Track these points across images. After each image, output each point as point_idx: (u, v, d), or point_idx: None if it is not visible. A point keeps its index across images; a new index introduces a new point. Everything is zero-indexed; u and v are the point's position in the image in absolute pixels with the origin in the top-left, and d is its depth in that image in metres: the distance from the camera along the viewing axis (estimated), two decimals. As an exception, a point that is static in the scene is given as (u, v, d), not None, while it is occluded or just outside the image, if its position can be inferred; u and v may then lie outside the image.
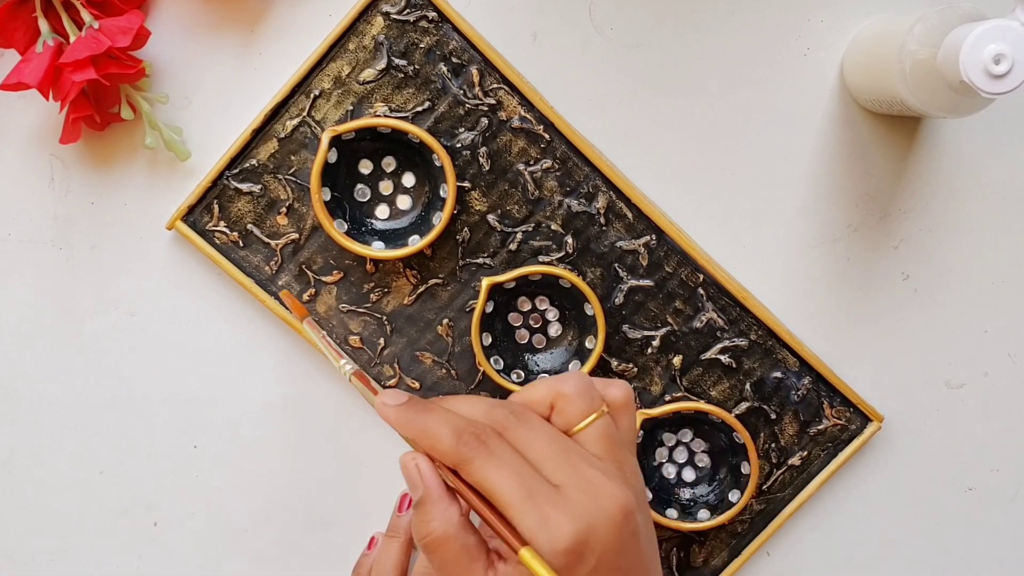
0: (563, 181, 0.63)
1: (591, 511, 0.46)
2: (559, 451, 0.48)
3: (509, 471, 0.47)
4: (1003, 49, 0.50)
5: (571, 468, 0.47)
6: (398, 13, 0.61)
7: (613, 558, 0.47)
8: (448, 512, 0.48)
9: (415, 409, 0.50)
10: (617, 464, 0.49)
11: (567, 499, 0.46)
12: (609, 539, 0.46)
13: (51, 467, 0.65)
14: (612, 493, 0.47)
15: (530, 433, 0.49)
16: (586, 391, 0.50)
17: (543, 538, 0.45)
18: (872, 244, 0.64)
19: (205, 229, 0.62)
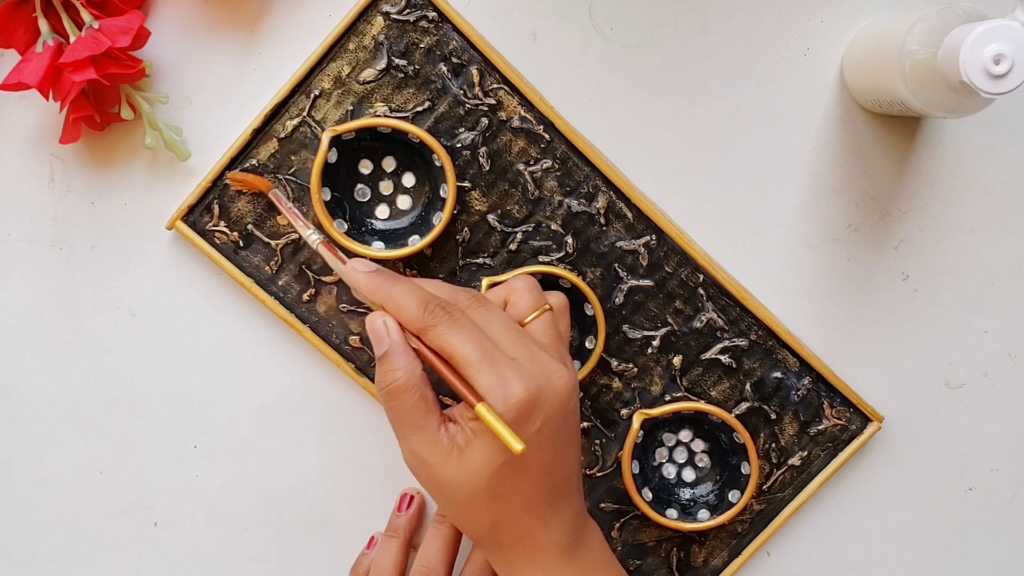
0: (563, 181, 0.63)
1: (541, 380, 0.52)
2: (514, 331, 0.54)
3: (470, 336, 0.52)
4: (1003, 49, 0.50)
5: (524, 346, 0.53)
6: (398, 13, 0.61)
7: (554, 426, 0.52)
8: (411, 363, 0.53)
9: (384, 277, 0.55)
10: (560, 354, 0.55)
11: (521, 367, 0.52)
12: (554, 407, 0.52)
13: (51, 467, 0.65)
14: (559, 371, 0.53)
15: (489, 315, 0.54)
16: (533, 287, 0.57)
17: (498, 394, 0.51)
18: (872, 244, 0.64)
19: (205, 229, 0.62)
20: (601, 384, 0.64)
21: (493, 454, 0.51)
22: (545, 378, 0.52)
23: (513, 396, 0.51)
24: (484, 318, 0.54)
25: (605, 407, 0.64)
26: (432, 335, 0.53)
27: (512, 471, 0.52)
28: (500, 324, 0.54)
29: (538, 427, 0.52)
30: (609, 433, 0.64)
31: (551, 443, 0.53)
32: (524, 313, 0.56)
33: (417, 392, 0.53)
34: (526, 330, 0.55)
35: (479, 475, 0.52)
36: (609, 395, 0.64)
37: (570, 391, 0.53)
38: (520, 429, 0.51)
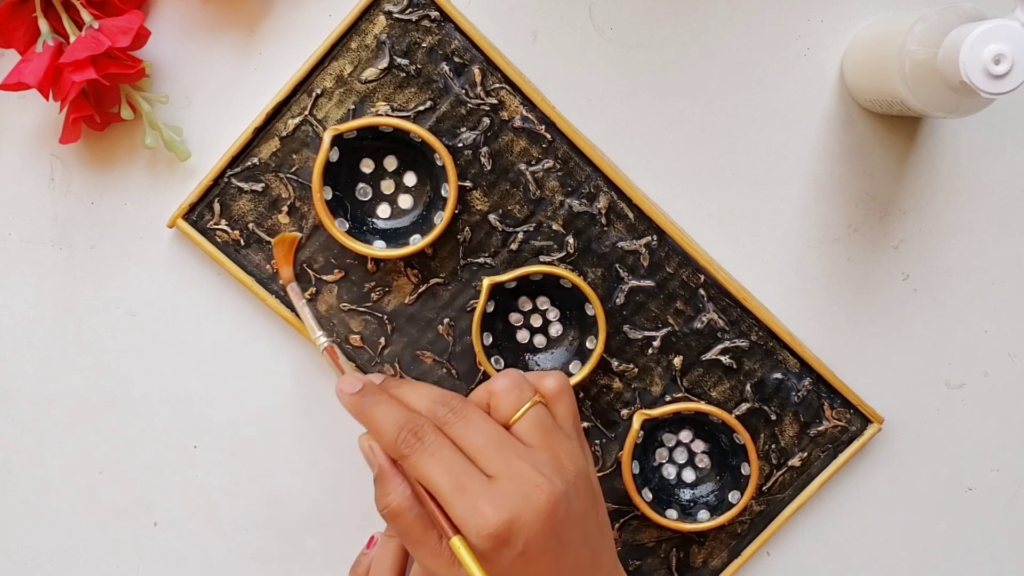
0: (564, 181, 0.63)
1: (518, 501, 0.51)
2: (493, 444, 0.53)
3: (442, 466, 0.52)
4: (1003, 49, 0.50)
5: (503, 460, 0.52)
6: (400, 12, 0.61)
7: (541, 543, 0.51)
8: (400, 487, 0.54)
9: (366, 400, 0.55)
10: (551, 452, 0.53)
11: (497, 490, 0.51)
12: (535, 527, 0.51)
13: (51, 467, 0.65)
14: (539, 484, 0.51)
15: (467, 428, 0.53)
16: (514, 386, 0.55)
17: (471, 525, 0.50)
18: (872, 244, 0.64)
19: (206, 228, 0.62)
20: (601, 384, 0.64)
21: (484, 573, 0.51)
22: (523, 498, 0.51)
23: (485, 527, 0.50)
24: (462, 432, 0.53)
25: (605, 407, 0.64)
26: (407, 465, 0.53)
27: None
28: (479, 436, 0.53)
29: (520, 550, 0.51)
30: (609, 433, 0.64)
31: (540, 559, 0.51)
32: (507, 415, 0.54)
33: (411, 512, 0.53)
34: (511, 435, 0.54)
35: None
36: (609, 395, 0.64)
37: (553, 504, 0.51)
38: (498, 556, 0.51)
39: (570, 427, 0.56)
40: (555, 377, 0.56)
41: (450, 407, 0.54)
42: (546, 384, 0.56)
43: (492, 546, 0.51)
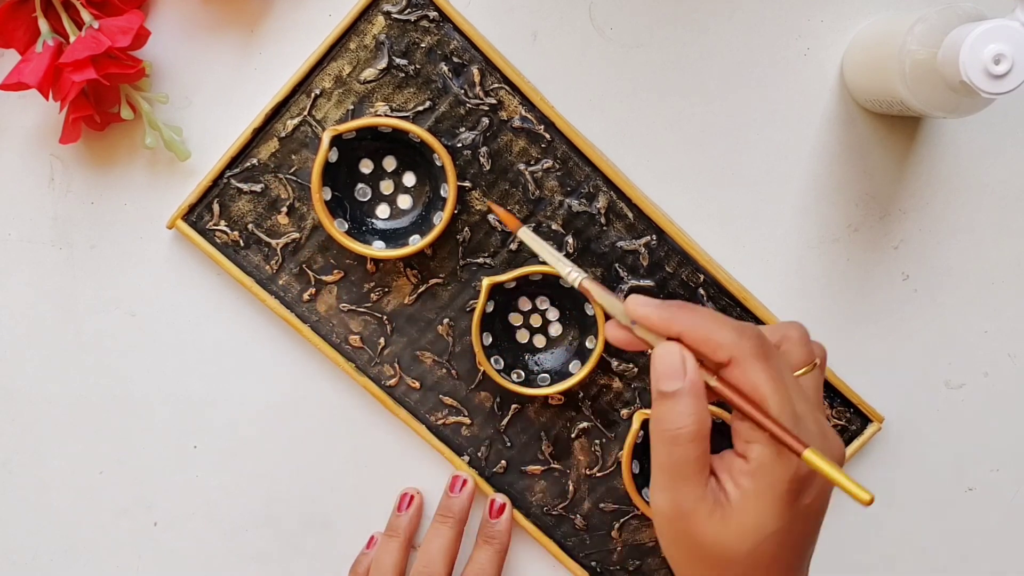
0: (564, 181, 0.63)
1: (821, 446, 0.47)
2: (798, 385, 0.48)
3: (780, 382, 0.47)
4: (1003, 49, 0.50)
5: (807, 405, 0.48)
6: (399, 12, 0.61)
7: (823, 500, 0.48)
8: (704, 412, 0.47)
9: (679, 306, 0.49)
10: (824, 415, 0.50)
11: (810, 432, 0.47)
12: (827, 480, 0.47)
13: (51, 467, 0.65)
14: (837, 442, 0.48)
15: (780, 362, 0.48)
16: (807, 339, 0.51)
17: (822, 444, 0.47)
18: (872, 244, 0.64)
19: (205, 228, 0.62)
20: (601, 384, 0.64)
21: (764, 519, 0.47)
22: (829, 451, 0.47)
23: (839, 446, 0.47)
24: (778, 360, 0.48)
25: (605, 407, 0.64)
26: (746, 366, 0.47)
27: (778, 541, 0.47)
28: (789, 372, 0.48)
29: (810, 500, 0.47)
30: (609, 433, 0.64)
31: (816, 518, 0.49)
32: (796, 366, 0.50)
33: (703, 444, 0.47)
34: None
35: (745, 540, 0.47)
36: (609, 395, 0.64)
37: (842, 464, 0.48)
38: (795, 498, 0.47)
39: None
40: (822, 348, 0.53)
41: (755, 332, 0.48)
42: (819, 350, 0.52)
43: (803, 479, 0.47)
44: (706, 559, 0.48)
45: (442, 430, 0.64)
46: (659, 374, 0.48)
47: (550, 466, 0.65)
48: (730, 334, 0.47)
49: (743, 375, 0.47)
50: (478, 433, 0.64)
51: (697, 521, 0.47)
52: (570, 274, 0.53)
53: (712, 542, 0.47)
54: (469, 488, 0.64)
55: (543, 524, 0.65)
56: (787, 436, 0.46)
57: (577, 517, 0.65)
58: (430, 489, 0.65)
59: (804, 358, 0.50)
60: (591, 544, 0.65)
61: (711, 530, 0.47)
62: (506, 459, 0.65)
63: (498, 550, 0.64)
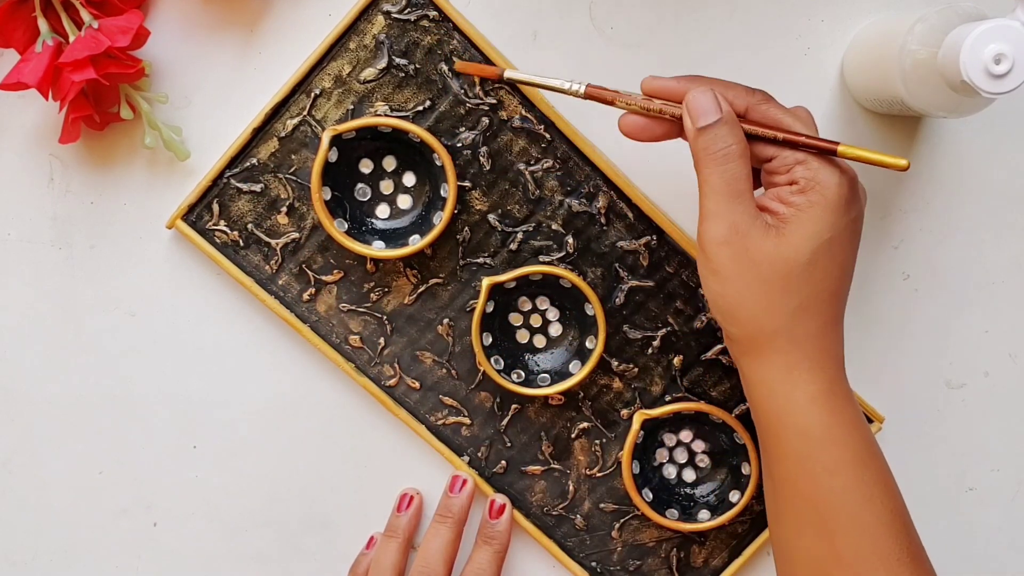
0: (564, 181, 0.63)
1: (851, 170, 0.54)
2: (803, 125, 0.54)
3: (793, 114, 0.54)
4: (1003, 49, 0.50)
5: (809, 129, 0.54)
6: (399, 12, 0.61)
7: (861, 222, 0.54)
8: (742, 136, 0.53)
9: (688, 77, 0.56)
10: None
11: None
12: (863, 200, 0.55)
13: (51, 467, 0.65)
14: (846, 165, 0.54)
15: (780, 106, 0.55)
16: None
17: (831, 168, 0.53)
18: (872, 244, 0.64)
19: (205, 228, 0.62)
20: (602, 384, 0.64)
21: (819, 228, 0.52)
22: (853, 170, 0.53)
23: (849, 171, 0.53)
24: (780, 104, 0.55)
25: (606, 407, 0.64)
26: (764, 108, 0.54)
27: (831, 251, 0.52)
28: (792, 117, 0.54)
29: (853, 216, 0.53)
30: (609, 433, 0.64)
31: (855, 240, 0.54)
32: None
33: (748, 165, 0.53)
34: None
35: (801, 249, 0.52)
36: (609, 395, 0.64)
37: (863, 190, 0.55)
38: (843, 211, 0.52)
39: None
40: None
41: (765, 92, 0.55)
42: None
43: (847, 191, 0.53)
44: (766, 277, 0.52)
45: (442, 430, 0.64)
46: (697, 113, 0.54)
47: (550, 466, 0.65)
48: (741, 90, 0.54)
49: (763, 116, 0.54)
50: (478, 433, 0.64)
51: (754, 238, 0.52)
52: (571, 87, 0.56)
53: (772, 258, 0.52)
54: (469, 488, 0.64)
55: (543, 524, 0.65)
56: (820, 142, 0.52)
57: (577, 517, 0.65)
58: (430, 489, 0.65)
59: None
60: (591, 544, 0.65)
61: (768, 246, 0.52)
62: (506, 459, 0.65)
63: (497, 550, 0.64)
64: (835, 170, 0.53)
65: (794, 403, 0.53)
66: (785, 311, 0.53)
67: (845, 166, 0.53)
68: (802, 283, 0.52)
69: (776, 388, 0.54)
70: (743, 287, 0.53)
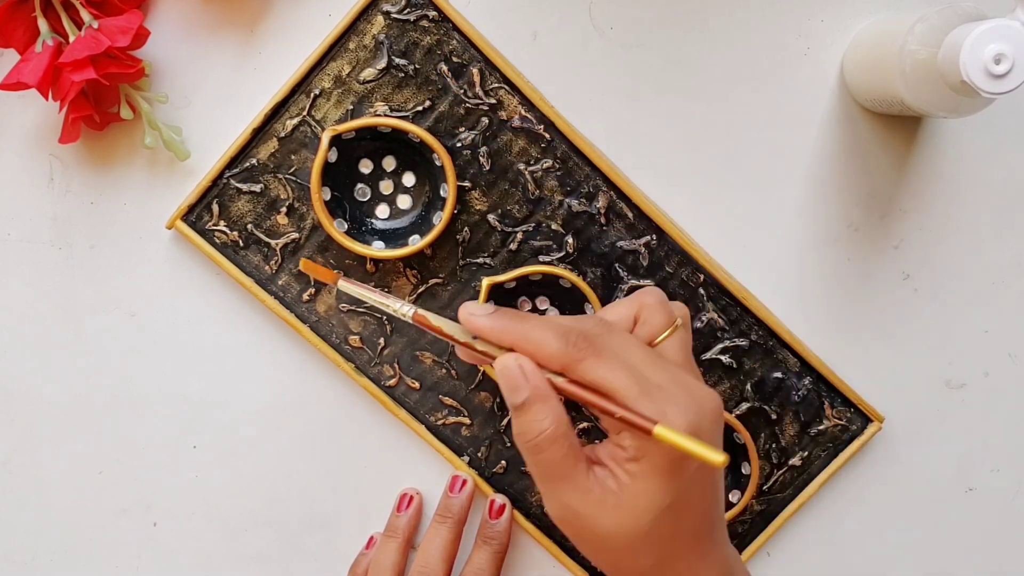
0: (564, 181, 0.63)
1: (694, 408, 0.47)
2: (652, 356, 0.49)
3: (622, 368, 0.47)
4: (1003, 49, 0.50)
5: (667, 371, 0.48)
6: (399, 12, 0.61)
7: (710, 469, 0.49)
8: (558, 409, 0.48)
9: (509, 316, 0.50)
10: (695, 372, 0.51)
11: (674, 396, 0.47)
12: (711, 433, 0.48)
13: (51, 467, 0.65)
14: (707, 393, 0.48)
15: (623, 341, 0.49)
16: (665, 303, 0.51)
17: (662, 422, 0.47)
18: (872, 244, 0.64)
19: (205, 229, 0.62)
20: (601, 384, 0.64)
21: (655, 496, 0.47)
22: (699, 406, 0.48)
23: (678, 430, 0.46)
24: (620, 345, 0.49)
25: (605, 407, 0.64)
26: (581, 369, 0.48)
27: (675, 511, 0.48)
28: (637, 349, 0.49)
29: (697, 465, 0.48)
30: (609, 433, 0.64)
31: (709, 479, 0.49)
32: (656, 332, 0.51)
33: (567, 440, 0.48)
34: (661, 352, 0.50)
35: (641, 520, 0.47)
36: (609, 395, 0.64)
37: (720, 413, 0.49)
38: (679, 469, 0.47)
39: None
40: (682, 307, 0.53)
41: (596, 320, 0.50)
42: (681, 309, 0.52)
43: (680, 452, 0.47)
44: (613, 548, 0.48)
45: (442, 430, 0.64)
46: (505, 388, 0.49)
47: (550, 466, 0.65)
48: (556, 343, 0.48)
49: (587, 372, 0.48)
50: (478, 433, 0.64)
51: (590, 515, 0.48)
52: (400, 308, 0.53)
53: (613, 531, 0.48)
54: (469, 488, 0.64)
55: (543, 524, 0.65)
56: (636, 418, 0.46)
57: (577, 517, 0.65)
58: (430, 490, 0.65)
59: (664, 322, 0.51)
60: (591, 544, 0.65)
61: (606, 519, 0.48)
62: (506, 459, 0.65)
63: (497, 551, 0.64)
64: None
65: None
66: (642, 570, 0.49)
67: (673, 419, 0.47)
68: (651, 547, 0.48)
69: None
70: (597, 556, 0.50)
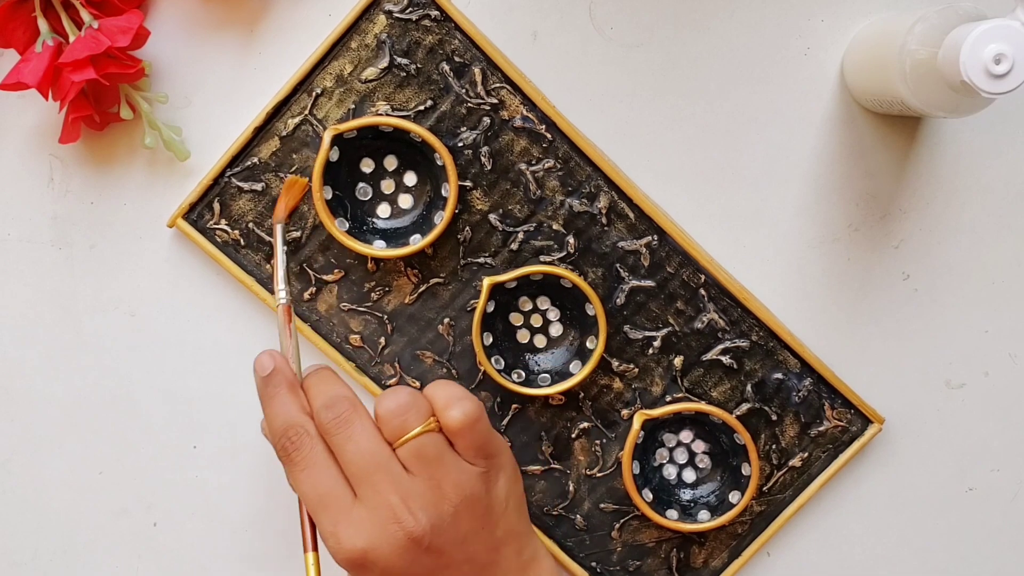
0: (565, 181, 0.63)
1: (376, 531, 0.52)
2: (368, 465, 0.53)
3: (310, 481, 0.53)
4: (1003, 49, 0.50)
5: (371, 486, 0.52)
6: (401, 12, 0.61)
7: (399, 573, 0.53)
8: None
9: (268, 389, 0.55)
10: (432, 482, 0.53)
11: (358, 516, 0.52)
12: (392, 559, 0.52)
13: (51, 467, 0.65)
14: (399, 518, 0.52)
15: (347, 442, 0.53)
16: (401, 411, 0.54)
17: (331, 544, 0.52)
18: (872, 244, 0.64)
19: (206, 227, 0.62)
20: (602, 384, 0.64)
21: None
22: (381, 529, 0.52)
23: (340, 551, 0.52)
24: (341, 445, 0.53)
25: (606, 407, 0.64)
26: (284, 470, 0.55)
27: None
28: (357, 455, 0.53)
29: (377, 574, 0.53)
30: (610, 434, 0.64)
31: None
32: (393, 436, 0.54)
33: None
34: (392, 457, 0.53)
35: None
36: (610, 395, 0.64)
37: (413, 540, 0.52)
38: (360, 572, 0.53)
39: (475, 456, 0.55)
40: (462, 408, 0.54)
41: (336, 414, 0.54)
42: (449, 416, 0.54)
43: (348, 568, 0.53)
44: None
45: (442, 430, 0.64)
46: None
47: (550, 466, 0.65)
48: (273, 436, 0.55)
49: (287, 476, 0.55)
50: (478, 433, 0.64)
51: None
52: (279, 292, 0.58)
53: None
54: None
55: (543, 524, 0.65)
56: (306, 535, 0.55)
57: (577, 517, 0.65)
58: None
59: (400, 428, 0.54)
60: (591, 544, 0.65)
61: None
62: (506, 459, 0.65)
63: None
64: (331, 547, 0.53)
65: None
66: None
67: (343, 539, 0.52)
68: None
69: None
70: None
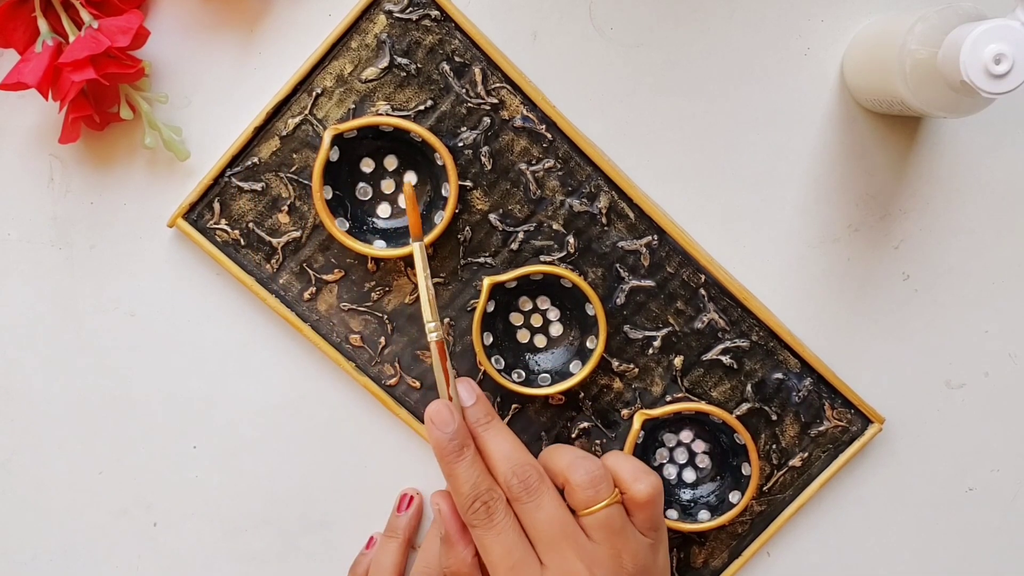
0: (565, 181, 0.63)
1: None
2: (556, 533, 0.55)
3: (503, 547, 0.54)
4: (1003, 49, 0.50)
5: (558, 553, 0.54)
6: (401, 12, 0.61)
7: None
8: (464, 553, 0.57)
9: (452, 452, 0.56)
10: (614, 551, 0.55)
11: None
12: None
13: (51, 467, 0.65)
14: None
15: (536, 512, 0.55)
16: (594, 483, 0.56)
17: None
18: (872, 244, 0.64)
19: (206, 227, 0.62)
20: (602, 384, 0.64)
21: None
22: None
23: None
24: (530, 513, 0.55)
25: (606, 407, 0.64)
26: (473, 534, 0.56)
27: None
28: (545, 524, 0.55)
29: None
30: (610, 434, 0.64)
31: None
32: (580, 507, 0.56)
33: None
34: (576, 526, 0.55)
35: None
36: (610, 395, 0.64)
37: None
38: None
39: (648, 529, 0.57)
40: (649, 483, 0.57)
41: (526, 484, 0.56)
42: (637, 490, 0.56)
43: None
44: None
45: (442, 430, 0.64)
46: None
47: (550, 466, 0.65)
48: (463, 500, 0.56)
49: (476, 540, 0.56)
50: (478, 433, 0.64)
51: None
52: (430, 326, 0.58)
53: None
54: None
55: (543, 524, 0.65)
56: None
57: (577, 517, 0.65)
58: (430, 490, 0.65)
59: (589, 499, 0.55)
60: (591, 544, 0.65)
61: None
62: (506, 459, 0.65)
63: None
64: None
65: None
66: None
67: None
68: None
69: None
70: None
